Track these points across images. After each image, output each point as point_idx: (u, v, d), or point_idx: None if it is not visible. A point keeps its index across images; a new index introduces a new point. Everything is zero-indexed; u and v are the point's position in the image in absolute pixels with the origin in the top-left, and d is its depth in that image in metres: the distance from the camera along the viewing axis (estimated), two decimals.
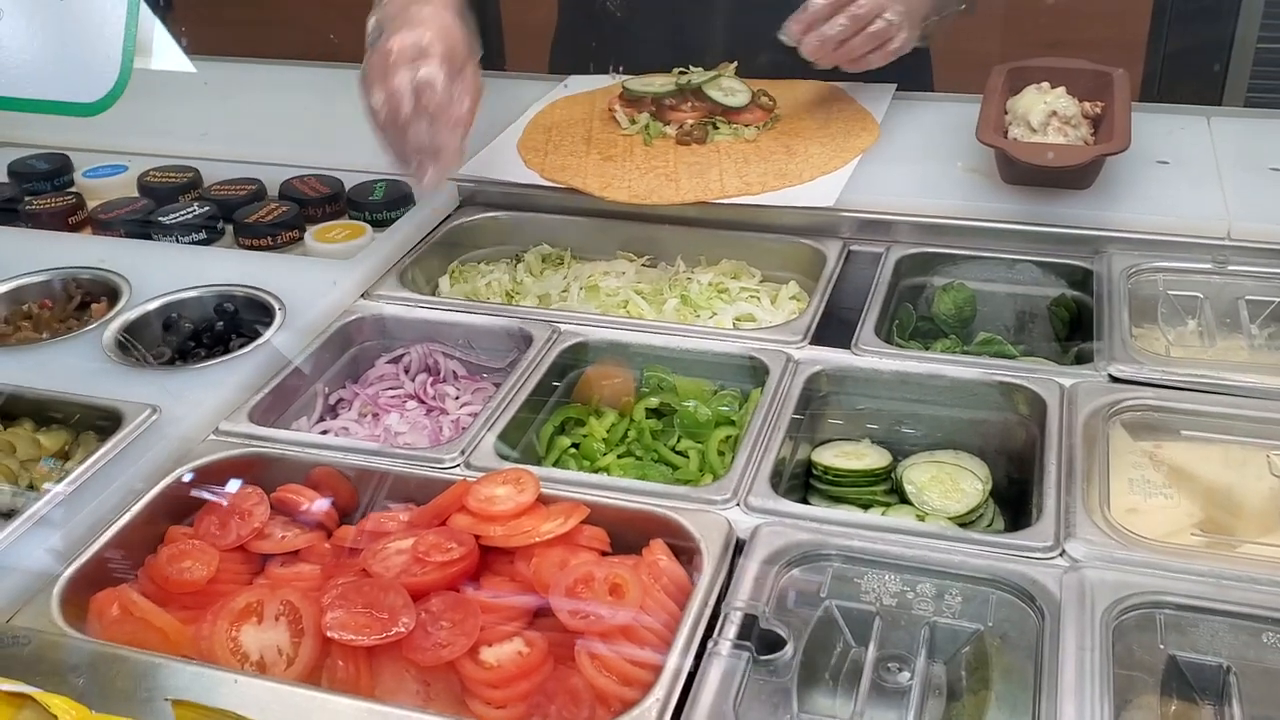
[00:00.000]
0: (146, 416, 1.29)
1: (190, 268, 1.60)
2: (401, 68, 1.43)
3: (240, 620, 1.07)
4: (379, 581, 1.07)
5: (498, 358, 1.53)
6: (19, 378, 1.38)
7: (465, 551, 1.10)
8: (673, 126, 1.88)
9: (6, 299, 1.58)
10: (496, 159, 1.86)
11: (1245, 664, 0.99)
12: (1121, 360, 1.36)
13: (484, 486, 1.17)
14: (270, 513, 1.21)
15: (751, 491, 1.20)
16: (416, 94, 1.43)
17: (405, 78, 1.43)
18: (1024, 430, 1.35)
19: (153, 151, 1.96)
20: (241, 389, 1.37)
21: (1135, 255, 1.57)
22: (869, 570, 1.10)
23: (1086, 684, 0.95)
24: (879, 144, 1.83)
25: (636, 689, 0.98)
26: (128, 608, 1.09)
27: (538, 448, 1.40)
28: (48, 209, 1.81)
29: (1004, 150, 1.65)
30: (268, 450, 1.29)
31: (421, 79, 1.43)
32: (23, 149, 2.00)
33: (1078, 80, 1.77)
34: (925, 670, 1.03)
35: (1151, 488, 1.22)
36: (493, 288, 1.71)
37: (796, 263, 1.68)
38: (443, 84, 1.44)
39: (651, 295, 1.65)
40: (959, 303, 1.62)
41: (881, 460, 1.37)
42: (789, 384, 1.37)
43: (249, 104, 2.16)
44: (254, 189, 1.81)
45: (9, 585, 1.10)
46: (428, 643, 1.02)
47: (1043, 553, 1.10)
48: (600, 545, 1.15)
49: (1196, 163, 1.74)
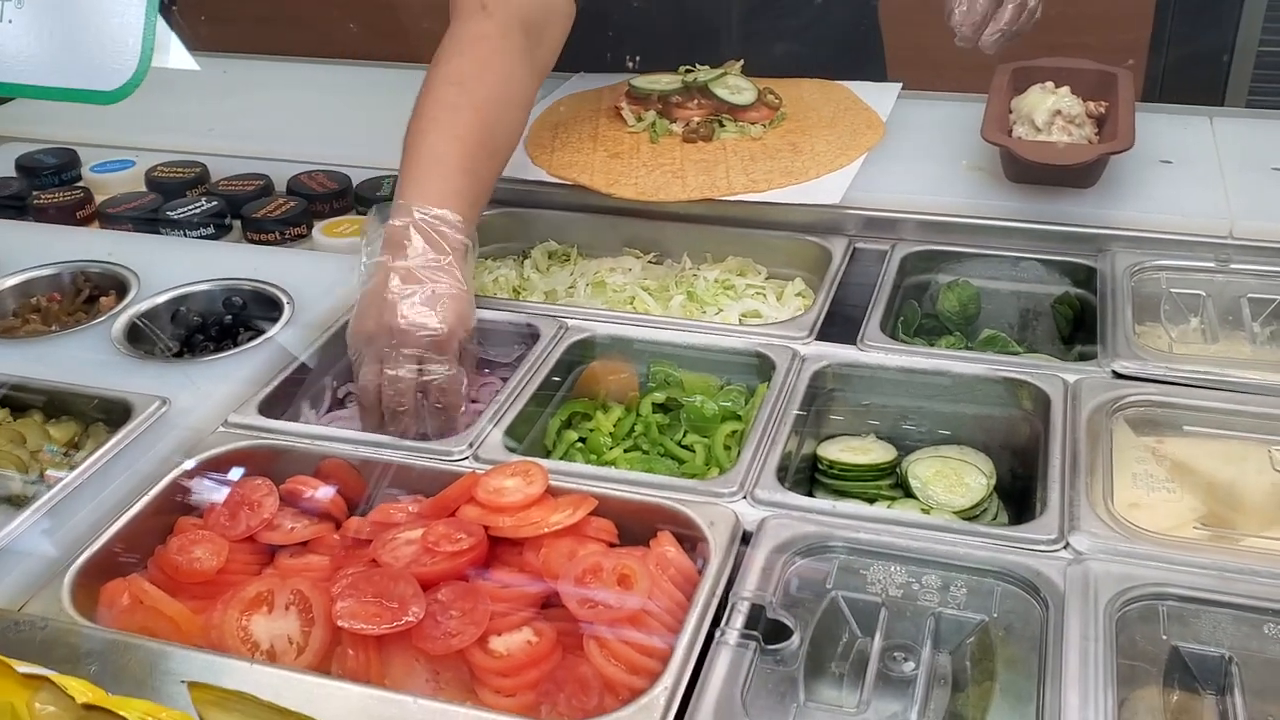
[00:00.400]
0: (156, 408, 1.30)
1: (198, 262, 1.61)
2: (409, 361, 1.30)
3: (251, 609, 1.08)
4: (389, 571, 1.08)
5: (505, 352, 1.53)
6: (28, 369, 1.39)
7: (474, 542, 1.11)
8: (679, 124, 1.89)
9: (15, 292, 1.60)
10: None
11: (1247, 654, 1.01)
12: (1125, 356, 1.37)
13: (493, 478, 1.18)
14: (279, 504, 1.22)
15: (758, 484, 1.21)
16: (423, 390, 1.31)
17: (410, 376, 1.30)
18: (1028, 425, 1.36)
19: (160, 147, 1.98)
20: (250, 382, 1.38)
21: (1138, 253, 1.58)
22: (875, 562, 1.11)
23: (1090, 674, 0.96)
24: (884, 142, 1.84)
25: (644, 677, 0.99)
26: (138, 596, 1.10)
27: (545, 441, 1.41)
28: (55, 203, 1.82)
29: (1009, 149, 1.66)
30: (277, 442, 1.30)
31: (433, 384, 1.31)
32: (30, 144, 2.01)
33: (1082, 80, 1.78)
34: (930, 660, 1.04)
35: (1154, 482, 1.23)
36: (500, 284, 1.72)
37: (802, 260, 1.69)
38: (460, 385, 1.34)
39: (658, 291, 1.66)
40: (963, 300, 1.63)
41: (886, 455, 1.38)
42: (795, 379, 1.38)
43: (256, 100, 2.17)
44: (261, 184, 1.82)
45: (20, 574, 1.11)
46: (437, 632, 1.03)
47: (1047, 545, 1.11)
48: (608, 537, 1.15)
49: (1199, 162, 1.75)
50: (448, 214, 1.39)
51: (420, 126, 1.47)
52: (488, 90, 1.52)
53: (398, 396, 1.31)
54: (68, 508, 1.18)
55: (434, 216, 1.38)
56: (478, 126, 1.49)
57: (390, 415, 1.32)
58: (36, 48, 0.97)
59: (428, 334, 1.31)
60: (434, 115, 1.47)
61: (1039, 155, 1.64)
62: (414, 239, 1.36)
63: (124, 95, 0.99)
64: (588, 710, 0.99)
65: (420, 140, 1.45)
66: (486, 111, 1.51)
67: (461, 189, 1.43)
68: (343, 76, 2.28)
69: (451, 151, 1.45)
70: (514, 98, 1.57)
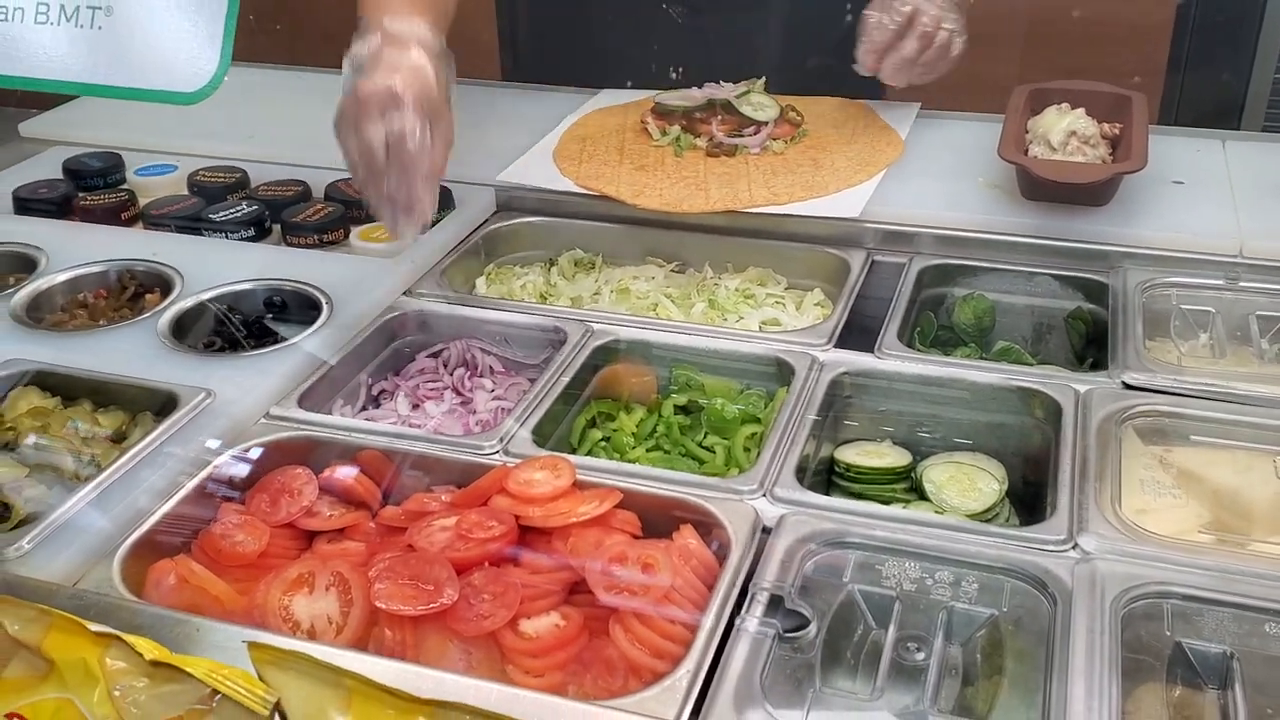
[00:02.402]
0: (201, 399, 1.36)
1: (240, 262, 1.67)
2: (374, 117, 1.39)
3: (293, 590, 1.13)
4: (425, 555, 1.13)
5: (532, 355, 1.59)
6: (78, 361, 1.45)
7: (506, 530, 1.16)
8: (703, 139, 1.94)
9: (64, 288, 1.65)
10: (533, 167, 1.92)
11: (1248, 651, 1.05)
12: (1135, 368, 1.41)
13: (523, 471, 1.23)
14: (318, 492, 1.27)
15: (777, 483, 1.25)
16: (389, 147, 1.40)
17: (378, 130, 1.39)
18: (1040, 434, 1.40)
19: (202, 153, 2.04)
20: (290, 377, 1.44)
21: (1150, 270, 1.63)
22: (890, 558, 1.15)
23: (1096, 667, 1.00)
24: (903, 159, 1.89)
25: (667, 661, 1.04)
26: (185, 576, 1.15)
27: (570, 440, 1.46)
28: (101, 205, 1.88)
29: (1024, 167, 1.70)
30: (315, 434, 1.35)
31: (394, 132, 1.39)
32: (77, 147, 2.07)
33: (1097, 102, 1.83)
34: (942, 651, 1.08)
35: (1161, 489, 1.27)
36: (527, 289, 1.78)
37: (821, 271, 1.74)
38: (416, 136, 1.40)
39: (680, 299, 1.71)
40: (979, 313, 1.67)
41: (902, 460, 1.42)
42: (814, 385, 1.43)
43: (293, 109, 2.23)
44: (300, 190, 1.88)
45: (73, 553, 1.16)
46: (470, 614, 1.08)
47: (1056, 545, 1.15)
48: (632, 529, 1.20)
49: (1211, 183, 1.79)
50: (414, 20, 1.46)
51: None
52: None
53: (369, 157, 1.39)
54: (117, 491, 1.23)
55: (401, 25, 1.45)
56: None
57: (370, 179, 1.41)
58: (125, 52, 1.03)
59: (376, 90, 1.39)
60: None
61: (1054, 174, 1.69)
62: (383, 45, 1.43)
63: (203, 96, 1.06)
64: (613, 691, 1.04)
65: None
66: None
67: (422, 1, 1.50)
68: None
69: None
70: None
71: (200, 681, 0.77)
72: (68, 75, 1.10)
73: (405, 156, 1.40)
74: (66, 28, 1.07)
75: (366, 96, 1.39)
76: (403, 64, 1.42)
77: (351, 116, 1.42)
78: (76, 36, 1.07)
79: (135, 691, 0.78)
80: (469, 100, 2.24)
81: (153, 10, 1.04)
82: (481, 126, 2.11)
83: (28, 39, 1.09)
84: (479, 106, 2.22)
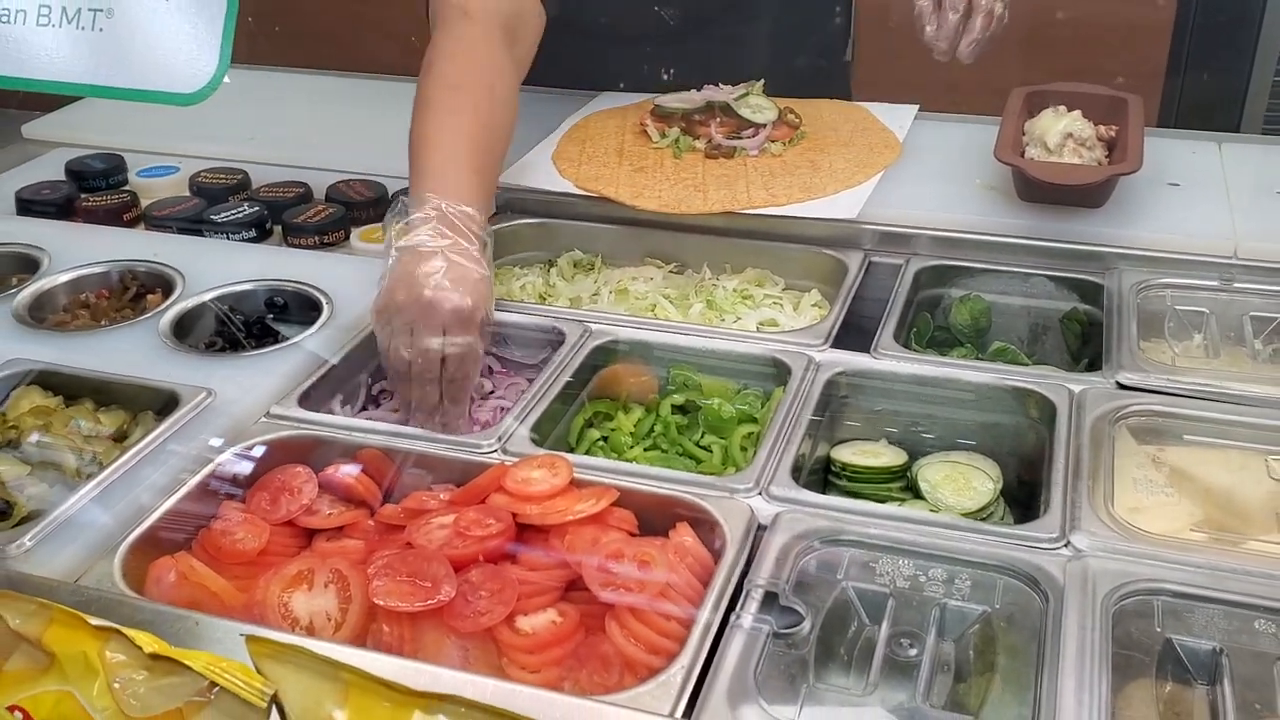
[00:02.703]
0: (202, 399, 1.37)
1: (241, 263, 1.68)
2: (436, 330, 1.37)
3: (292, 586, 1.14)
4: (423, 553, 1.14)
5: (531, 355, 1.60)
6: (79, 360, 1.46)
7: (503, 527, 1.17)
8: (701, 141, 1.95)
9: (66, 288, 1.67)
10: (532, 169, 1.93)
11: (1237, 647, 1.05)
12: (1129, 368, 1.42)
13: (520, 470, 1.24)
14: (317, 490, 1.28)
15: (773, 482, 1.26)
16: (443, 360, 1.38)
17: (437, 345, 1.37)
18: (1034, 433, 1.41)
19: (203, 154, 2.05)
20: (291, 377, 1.45)
21: (1145, 272, 1.64)
22: (884, 555, 1.16)
23: (1086, 662, 1.01)
24: (901, 161, 1.90)
25: (662, 657, 1.05)
26: (185, 573, 1.16)
27: (569, 439, 1.47)
28: (103, 206, 1.90)
29: (1021, 169, 1.71)
30: (316, 433, 1.36)
31: (455, 356, 1.38)
32: (79, 149, 2.09)
33: (1093, 104, 1.84)
34: (935, 647, 1.09)
35: (1154, 488, 1.28)
36: (526, 290, 1.79)
37: (819, 272, 1.75)
38: (476, 361, 1.41)
39: (678, 300, 1.72)
40: (975, 314, 1.68)
41: (898, 459, 1.43)
42: (810, 384, 1.44)
43: (293, 112, 2.25)
44: (301, 191, 1.90)
45: (75, 550, 1.17)
46: (468, 610, 1.09)
47: (1049, 543, 1.16)
48: (629, 527, 1.21)
49: (1207, 185, 1.80)
50: (468, 208, 1.46)
51: (425, 132, 1.53)
52: (483, 91, 1.61)
53: (426, 364, 1.37)
54: (119, 489, 1.24)
55: (457, 209, 1.45)
56: (479, 128, 1.56)
57: (417, 383, 1.38)
58: (125, 54, 1.05)
59: (453, 306, 1.37)
60: (438, 121, 1.54)
61: (1050, 175, 1.70)
62: (439, 226, 1.43)
63: (203, 97, 1.08)
64: (608, 686, 1.05)
65: (427, 143, 1.52)
66: (484, 112, 1.59)
67: (474, 185, 1.50)
68: (375, 90, 2.35)
69: (461, 150, 1.52)
70: (506, 96, 1.66)
71: (199, 674, 0.78)
72: (69, 76, 1.12)
73: (458, 378, 1.39)
74: (68, 30, 1.08)
75: (438, 306, 1.36)
76: (469, 276, 1.40)
77: (410, 318, 1.37)
78: (78, 38, 1.09)
79: (134, 684, 0.80)
80: None
81: (153, 12, 1.05)
82: None
83: (30, 41, 1.11)
84: None
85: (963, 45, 1.77)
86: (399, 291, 1.39)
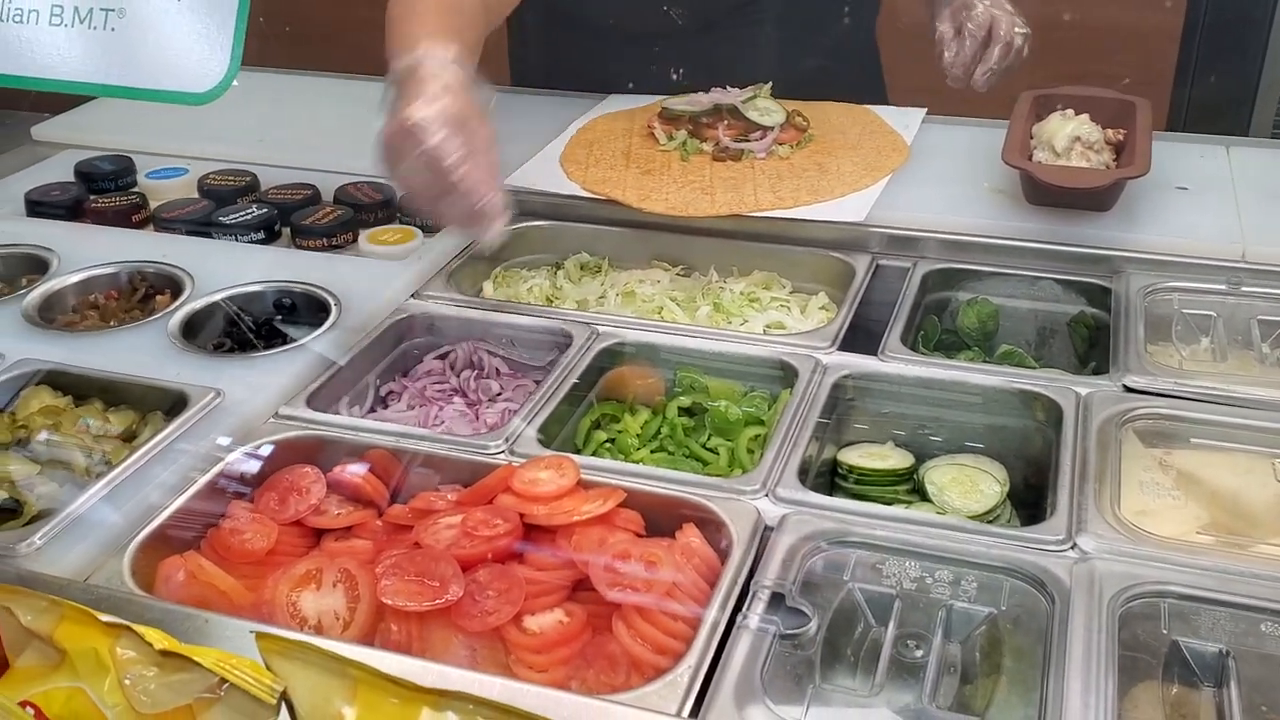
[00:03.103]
0: (211, 399, 1.37)
1: (250, 264, 1.69)
2: (417, 145, 1.39)
3: (300, 585, 1.14)
4: (431, 552, 1.15)
5: (539, 356, 1.60)
6: (89, 361, 1.47)
7: (511, 528, 1.17)
8: (709, 143, 1.96)
9: (75, 289, 1.67)
10: (540, 171, 1.94)
11: (1244, 650, 1.06)
12: (1136, 371, 1.42)
13: (528, 470, 1.25)
14: (326, 490, 1.29)
15: (780, 484, 1.26)
16: (442, 172, 1.40)
17: (423, 156, 1.39)
18: (1041, 436, 1.41)
19: (212, 156, 2.06)
20: (299, 378, 1.45)
21: (1152, 275, 1.64)
22: (890, 557, 1.16)
23: (1093, 664, 1.01)
24: (909, 164, 1.90)
25: (669, 657, 1.05)
26: (194, 572, 1.17)
27: (575, 441, 1.48)
28: (112, 207, 1.90)
29: (1029, 172, 1.72)
30: (324, 433, 1.37)
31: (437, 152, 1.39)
32: (89, 151, 2.10)
33: (1101, 108, 1.84)
34: (941, 649, 1.09)
35: (1161, 491, 1.28)
36: (534, 293, 1.79)
37: (826, 275, 1.76)
38: (457, 151, 1.40)
39: (685, 302, 1.73)
40: (982, 317, 1.69)
41: (904, 461, 1.43)
42: (817, 386, 1.44)
43: (302, 114, 2.26)
44: (309, 193, 1.90)
45: (84, 549, 1.17)
46: (475, 610, 1.09)
47: (1055, 545, 1.16)
48: (636, 527, 1.21)
49: (1215, 189, 1.80)
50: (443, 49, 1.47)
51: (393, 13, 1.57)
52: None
53: (423, 181, 1.41)
54: (128, 488, 1.25)
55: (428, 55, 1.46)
56: None
57: (430, 200, 1.43)
58: (136, 54, 1.06)
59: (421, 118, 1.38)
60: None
61: (1058, 179, 1.70)
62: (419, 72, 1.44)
63: (213, 97, 1.08)
64: (615, 686, 1.05)
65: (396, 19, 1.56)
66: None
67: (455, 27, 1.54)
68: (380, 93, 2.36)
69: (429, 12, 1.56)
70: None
71: (209, 670, 0.78)
72: (80, 76, 1.13)
73: (460, 174, 1.40)
74: (80, 29, 1.09)
75: (406, 126, 1.39)
76: (439, 80, 1.43)
77: (396, 148, 1.42)
78: (90, 38, 1.09)
79: (145, 680, 0.80)
80: None
81: (164, 13, 1.06)
82: None
83: (42, 40, 1.12)
84: None
85: (978, 74, 1.79)
86: (386, 135, 1.42)
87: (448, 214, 1.46)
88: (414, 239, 1.78)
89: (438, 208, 1.45)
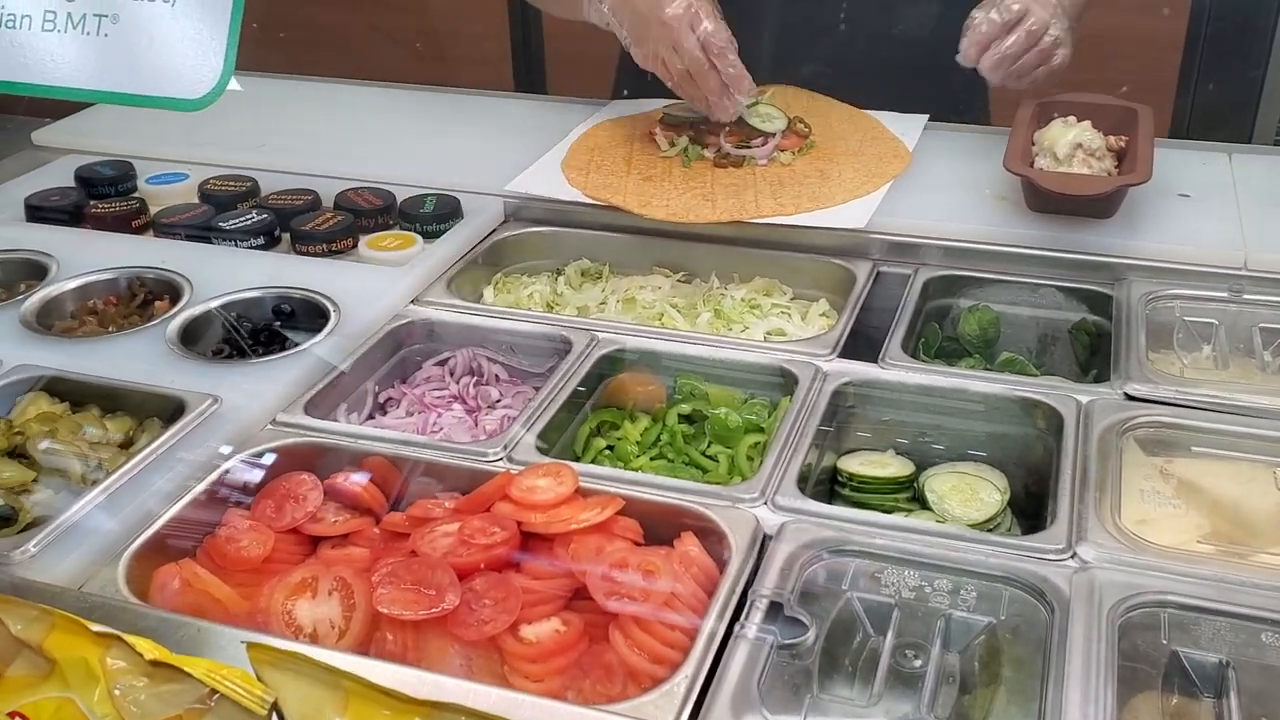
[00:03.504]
0: (208, 406, 1.37)
1: (249, 270, 1.69)
2: (687, 31, 1.75)
3: (295, 594, 1.14)
4: (427, 561, 1.14)
5: (538, 363, 1.60)
6: (87, 367, 1.46)
7: (508, 536, 1.17)
8: (711, 150, 1.95)
9: (74, 295, 1.67)
10: (541, 177, 1.93)
11: (1244, 660, 1.05)
12: (1137, 379, 1.41)
13: (526, 478, 1.24)
14: (323, 498, 1.28)
15: (779, 492, 1.26)
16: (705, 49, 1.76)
17: (693, 39, 1.75)
18: (1041, 444, 1.41)
19: (212, 161, 2.06)
20: (297, 384, 1.45)
21: (1154, 283, 1.63)
22: (889, 566, 1.16)
23: (1092, 674, 1.01)
24: (910, 171, 1.90)
25: (666, 667, 1.05)
26: (189, 580, 1.16)
27: (575, 448, 1.47)
28: (112, 213, 1.90)
29: (1030, 179, 1.71)
30: (321, 440, 1.36)
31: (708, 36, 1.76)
32: (89, 156, 2.10)
33: (1103, 115, 1.83)
34: (940, 658, 1.08)
35: (1161, 499, 1.27)
36: (534, 299, 1.79)
37: (827, 282, 1.75)
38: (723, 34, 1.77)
39: (686, 309, 1.72)
40: (983, 324, 1.68)
41: (905, 469, 1.43)
42: (817, 394, 1.44)
43: (303, 120, 2.26)
44: (310, 199, 1.90)
45: (79, 557, 1.17)
46: (472, 619, 1.09)
47: (1055, 554, 1.15)
48: (634, 536, 1.21)
49: (1217, 196, 1.80)
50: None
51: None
52: None
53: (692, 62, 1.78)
54: (124, 496, 1.24)
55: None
56: None
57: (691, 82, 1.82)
58: (130, 60, 1.06)
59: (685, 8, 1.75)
60: None
61: (1059, 186, 1.69)
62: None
63: (208, 103, 1.08)
64: (612, 696, 1.05)
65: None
66: None
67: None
68: (384, 98, 2.36)
69: None
70: None
71: (199, 681, 0.78)
72: (74, 82, 1.13)
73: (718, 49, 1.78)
74: (73, 35, 1.09)
75: (672, 18, 1.75)
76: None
77: (660, 37, 1.77)
78: (84, 44, 1.09)
79: (135, 691, 0.80)
80: (480, 111, 2.26)
81: (158, 18, 1.06)
82: (491, 137, 2.12)
83: (35, 46, 1.12)
84: (489, 117, 2.23)
85: (987, 56, 1.77)
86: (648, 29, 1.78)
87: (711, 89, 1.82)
88: (414, 245, 1.78)
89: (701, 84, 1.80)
